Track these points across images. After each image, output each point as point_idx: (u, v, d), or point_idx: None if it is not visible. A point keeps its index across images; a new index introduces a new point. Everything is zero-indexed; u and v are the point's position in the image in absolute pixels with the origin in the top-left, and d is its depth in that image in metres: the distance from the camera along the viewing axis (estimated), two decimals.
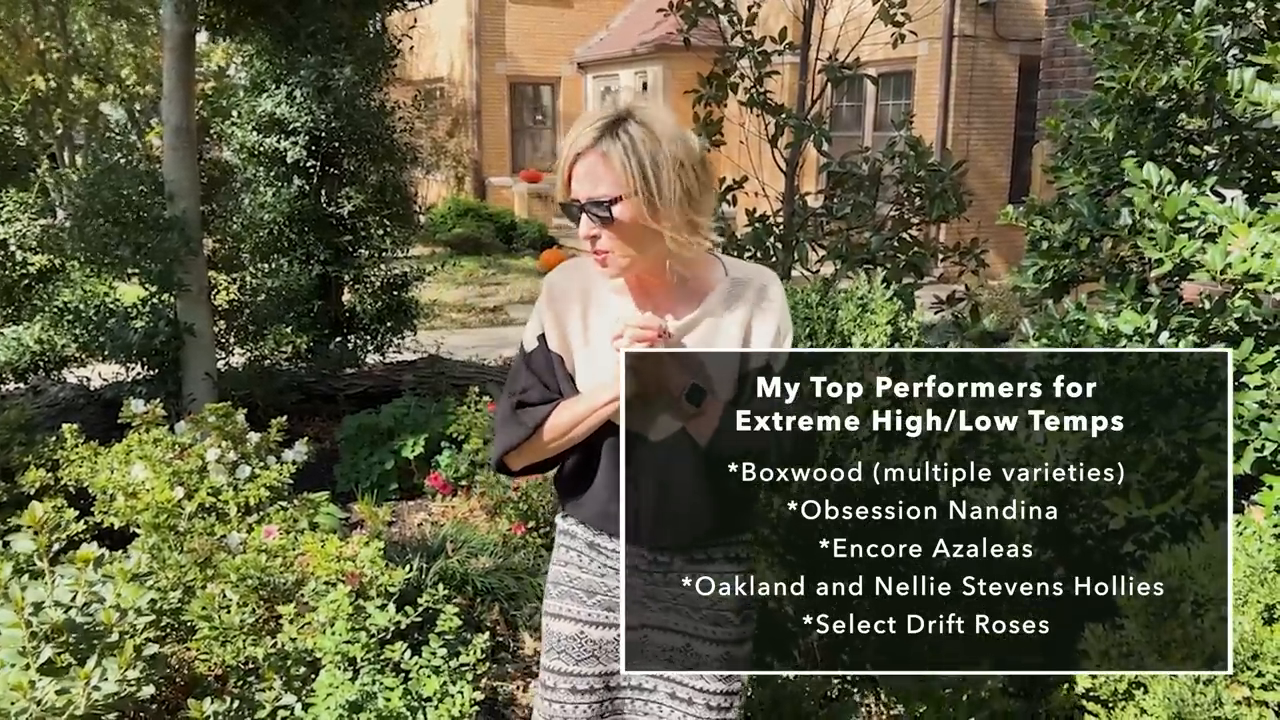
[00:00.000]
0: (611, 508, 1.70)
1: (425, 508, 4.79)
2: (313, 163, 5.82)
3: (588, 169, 1.60)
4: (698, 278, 1.73)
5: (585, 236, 1.62)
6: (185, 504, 3.39)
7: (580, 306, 1.75)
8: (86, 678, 1.86)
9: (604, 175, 1.59)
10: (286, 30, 5.26)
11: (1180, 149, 3.52)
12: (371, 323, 6.11)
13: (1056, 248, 3.62)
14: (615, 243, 1.62)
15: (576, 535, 1.81)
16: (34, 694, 1.82)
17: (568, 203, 1.64)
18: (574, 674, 1.78)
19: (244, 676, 2.59)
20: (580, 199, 1.61)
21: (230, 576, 2.76)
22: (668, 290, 1.72)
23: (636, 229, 1.61)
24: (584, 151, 1.60)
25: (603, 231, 1.61)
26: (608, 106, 1.64)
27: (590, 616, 1.78)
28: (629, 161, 1.57)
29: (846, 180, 5.60)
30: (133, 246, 4.72)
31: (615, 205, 1.59)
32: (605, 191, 1.59)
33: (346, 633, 2.38)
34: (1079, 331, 3.30)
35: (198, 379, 5.07)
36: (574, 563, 1.81)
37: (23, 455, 4.04)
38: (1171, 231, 2.89)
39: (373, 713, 2.24)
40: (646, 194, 1.58)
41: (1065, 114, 3.77)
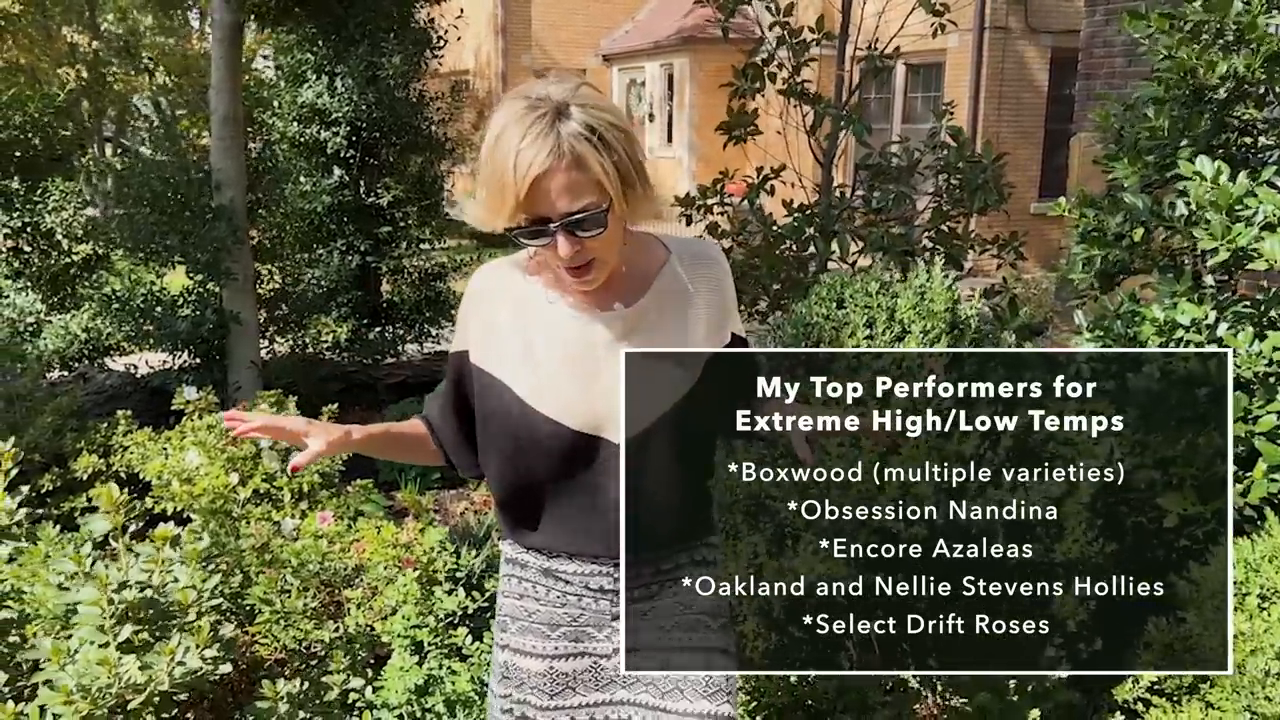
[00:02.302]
0: (565, 528, 1.56)
1: (467, 496, 4.82)
2: (352, 153, 5.86)
3: (561, 183, 1.36)
4: (641, 258, 1.56)
5: (567, 258, 1.40)
6: (240, 490, 3.44)
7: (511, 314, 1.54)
8: (171, 653, 1.89)
9: (584, 184, 1.37)
10: (335, 20, 5.29)
11: (1236, 140, 3.49)
12: (410, 313, 6.16)
13: (1109, 239, 3.59)
14: (602, 254, 1.43)
15: (528, 565, 1.62)
16: (117, 670, 1.85)
17: (525, 226, 1.40)
18: (552, 709, 1.61)
19: (305, 660, 2.62)
20: (552, 217, 1.38)
21: (291, 562, 2.79)
22: (615, 277, 1.52)
23: (619, 232, 1.45)
24: (550, 168, 1.35)
25: (586, 242, 1.40)
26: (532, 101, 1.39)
27: (556, 650, 1.61)
28: (605, 161, 1.37)
29: (885, 171, 5.58)
30: (180, 235, 4.77)
31: (608, 214, 1.39)
32: (591, 201, 1.37)
33: (415, 617, 2.40)
34: (1133, 323, 3.28)
35: (243, 367, 5.12)
36: (529, 595, 1.62)
37: (75, 441, 4.10)
38: (1228, 221, 2.87)
39: (440, 696, 2.26)
40: (629, 191, 1.41)
41: (1116, 105, 3.74)
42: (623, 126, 1.41)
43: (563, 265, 1.42)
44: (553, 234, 1.39)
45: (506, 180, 1.36)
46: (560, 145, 1.35)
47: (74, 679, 1.82)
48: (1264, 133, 3.47)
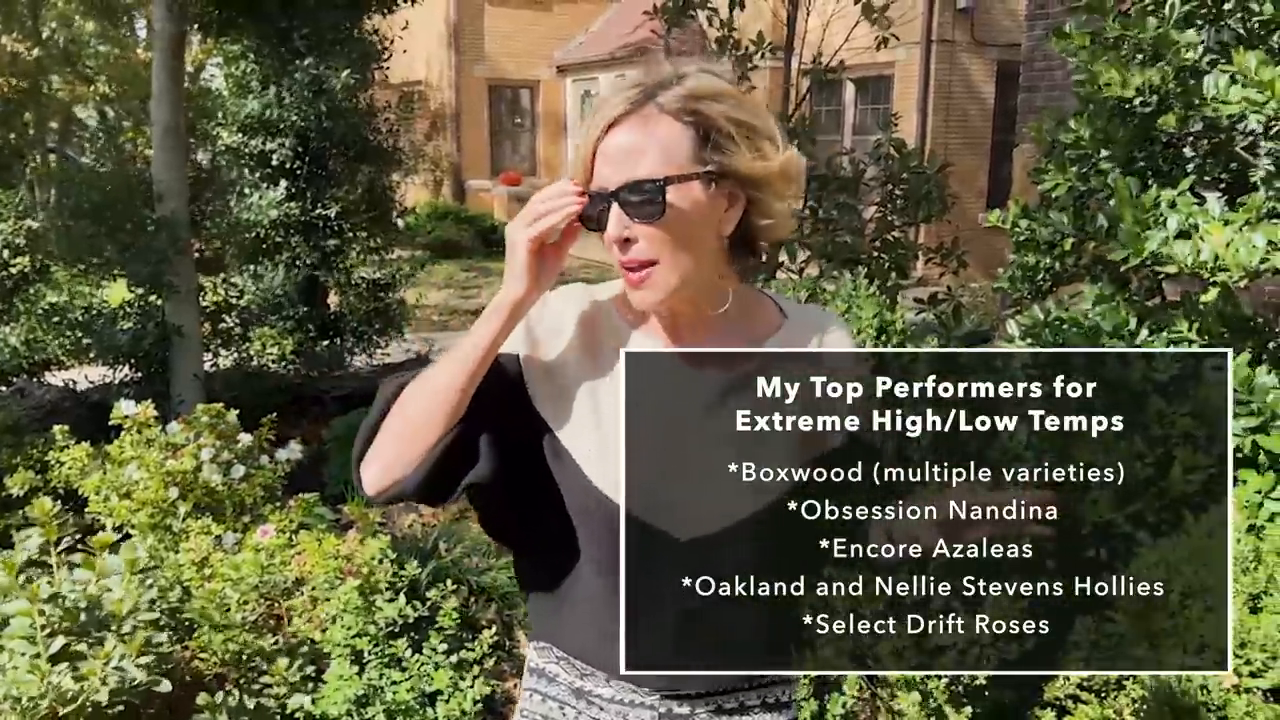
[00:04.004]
0: (607, 638, 1.20)
1: (415, 509, 4.80)
2: (299, 164, 5.83)
3: (623, 143, 1.11)
4: (747, 319, 1.26)
5: (614, 241, 1.13)
6: (180, 504, 3.40)
7: (581, 350, 1.23)
8: (106, 657, 1.88)
9: (648, 147, 1.11)
10: (280, 31, 5.27)
11: (1160, 151, 3.61)
12: (359, 325, 6.13)
13: (1041, 248, 3.70)
14: (663, 248, 1.13)
15: (557, 679, 1.31)
16: (49, 679, 1.84)
17: (593, 194, 1.13)
18: None
19: (245, 674, 2.60)
20: (609, 187, 1.11)
21: (230, 575, 2.77)
22: (708, 333, 1.23)
23: (701, 237, 1.15)
24: (619, 119, 1.12)
25: (642, 231, 1.12)
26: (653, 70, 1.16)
27: None
28: (685, 124, 1.12)
29: (831, 182, 5.69)
30: (120, 247, 4.72)
31: (670, 188, 1.10)
32: (650, 169, 1.10)
33: (355, 625, 2.40)
34: (1062, 331, 3.39)
35: (186, 380, 5.06)
36: (554, 717, 1.31)
37: (10, 457, 4.03)
38: (1138, 230, 2.97)
39: (380, 706, 2.26)
40: (723, 180, 1.13)
41: (1049, 118, 3.86)
42: (732, 109, 1.13)
43: (619, 262, 1.15)
44: (606, 207, 1.12)
45: (588, 128, 1.14)
46: (646, 98, 1.12)
47: (4, 689, 1.80)
48: (1185, 143, 3.61)
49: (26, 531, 2.18)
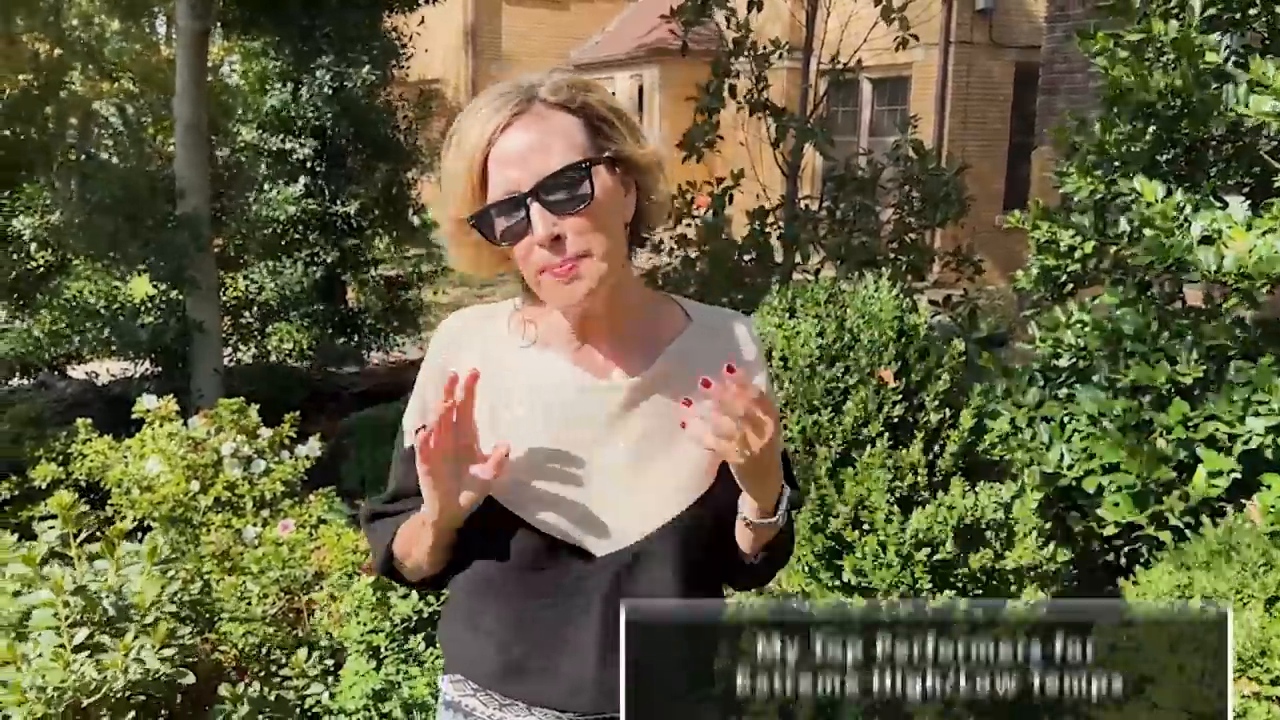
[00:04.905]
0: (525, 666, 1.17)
1: None
2: (318, 161, 5.86)
3: (529, 140, 1.07)
4: (650, 322, 1.21)
5: (544, 242, 1.07)
6: (201, 498, 3.43)
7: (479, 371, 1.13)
8: (127, 649, 1.89)
9: (551, 140, 1.07)
10: (301, 29, 5.31)
11: (1182, 155, 3.59)
12: (376, 322, 6.16)
13: (1061, 251, 3.69)
14: (593, 238, 1.08)
15: (473, 713, 1.22)
16: (72, 668, 1.86)
17: (495, 206, 1.08)
18: None
19: (265, 665, 2.63)
20: (521, 188, 1.07)
21: (251, 569, 2.79)
22: (612, 338, 1.18)
23: (615, 227, 1.12)
24: (508, 124, 1.08)
25: (571, 224, 1.07)
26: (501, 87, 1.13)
27: None
28: (581, 117, 1.10)
29: (848, 183, 5.68)
30: (142, 242, 4.76)
31: (594, 170, 1.08)
32: (564, 158, 1.07)
33: (371, 622, 2.42)
34: (1082, 333, 3.37)
35: (206, 375, 5.10)
36: None
37: (34, 450, 4.07)
38: (1162, 237, 2.95)
39: (398, 700, 2.28)
40: (620, 165, 1.11)
41: (1070, 120, 3.84)
42: (605, 97, 1.14)
43: (542, 267, 1.09)
44: (525, 209, 1.07)
45: (466, 147, 1.08)
46: (528, 98, 1.09)
47: (29, 679, 1.83)
48: (1208, 147, 3.59)
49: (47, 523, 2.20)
